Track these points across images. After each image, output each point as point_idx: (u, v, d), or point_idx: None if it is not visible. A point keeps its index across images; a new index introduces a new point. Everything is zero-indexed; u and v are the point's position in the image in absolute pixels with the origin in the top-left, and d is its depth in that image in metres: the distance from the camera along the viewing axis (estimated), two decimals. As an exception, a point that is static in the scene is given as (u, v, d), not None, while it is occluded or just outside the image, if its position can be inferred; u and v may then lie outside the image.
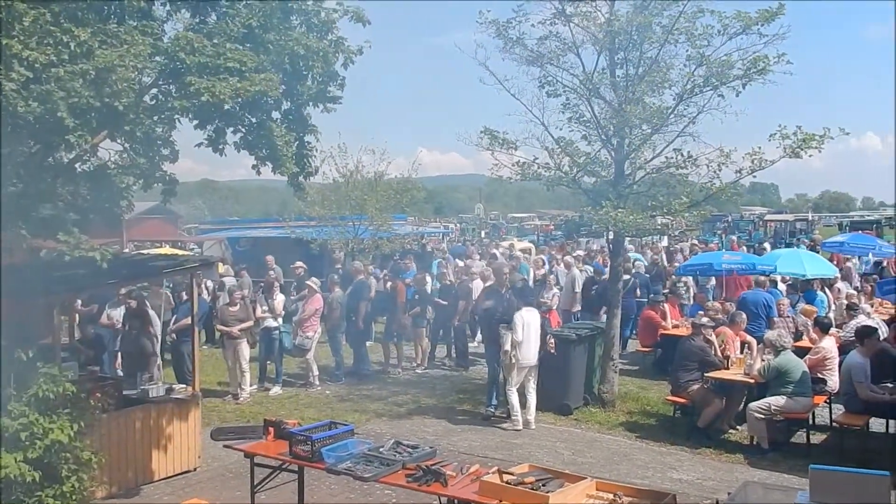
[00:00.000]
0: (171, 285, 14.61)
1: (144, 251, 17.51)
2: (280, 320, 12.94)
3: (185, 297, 14.53)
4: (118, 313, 12.42)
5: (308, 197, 18.57)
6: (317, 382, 12.94)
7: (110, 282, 9.04)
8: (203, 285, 15.63)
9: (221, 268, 17.58)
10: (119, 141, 7.49)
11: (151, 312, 11.35)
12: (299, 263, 16.43)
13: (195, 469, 8.99)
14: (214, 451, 9.19)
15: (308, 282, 13.44)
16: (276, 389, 12.68)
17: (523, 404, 10.49)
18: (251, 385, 12.54)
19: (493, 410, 10.95)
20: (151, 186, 7.93)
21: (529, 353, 10.36)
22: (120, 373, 11.13)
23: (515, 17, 11.12)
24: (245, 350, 12.16)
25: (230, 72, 6.98)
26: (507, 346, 10.34)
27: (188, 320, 10.62)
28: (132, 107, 6.75)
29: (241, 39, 7.45)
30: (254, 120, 7.88)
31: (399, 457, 6.18)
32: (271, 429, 7.03)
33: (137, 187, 7.85)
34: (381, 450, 6.35)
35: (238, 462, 8.10)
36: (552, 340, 10.87)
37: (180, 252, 20.11)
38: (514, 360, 10.30)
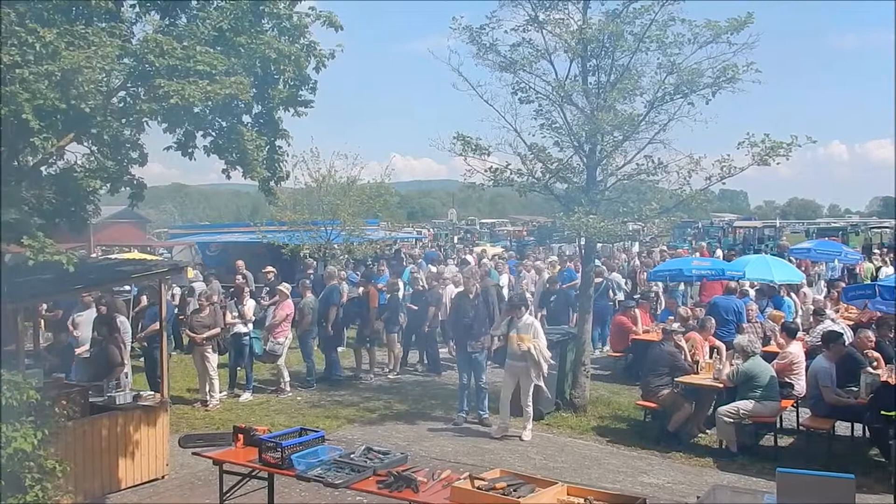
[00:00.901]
0: (135, 290, 14.43)
1: (112, 256, 17.29)
2: (250, 326, 12.82)
3: (144, 302, 14.42)
4: (86, 319, 12.23)
5: (279, 202, 18.46)
6: (288, 388, 12.82)
7: (77, 287, 8.90)
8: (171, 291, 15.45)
9: (191, 273, 17.38)
10: (86, 144, 7.38)
11: (121, 318, 11.19)
12: (270, 268, 16.34)
13: (163, 477, 8.86)
14: (183, 459, 9.10)
15: (279, 287, 13.35)
16: (246, 396, 12.56)
17: (515, 412, 10.41)
18: (221, 391, 12.40)
19: (464, 416, 10.93)
20: (119, 190, 7.82)
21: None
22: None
23: (489, 24, 11.19)
24: (212, 357, 12.02)
25: (200, 75, 6.90)
26: (546, 353, 10.20)
27: (157, 326, 10.47)
28: (99, 109, 6.65)
29: (212, 42, 7.38)
30: (224, 124, 7.80)
31: (370, 463, 6.15)
32: (241, 436, 6.97)
33: (104, 191, 7.73)
34: (351, 456, 6.31)
35: (207, 469, 8.00)
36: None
37: (149, 257, 19.91)
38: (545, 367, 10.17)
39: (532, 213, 74.12)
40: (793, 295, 15.81)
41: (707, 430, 10.31)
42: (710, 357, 11.01)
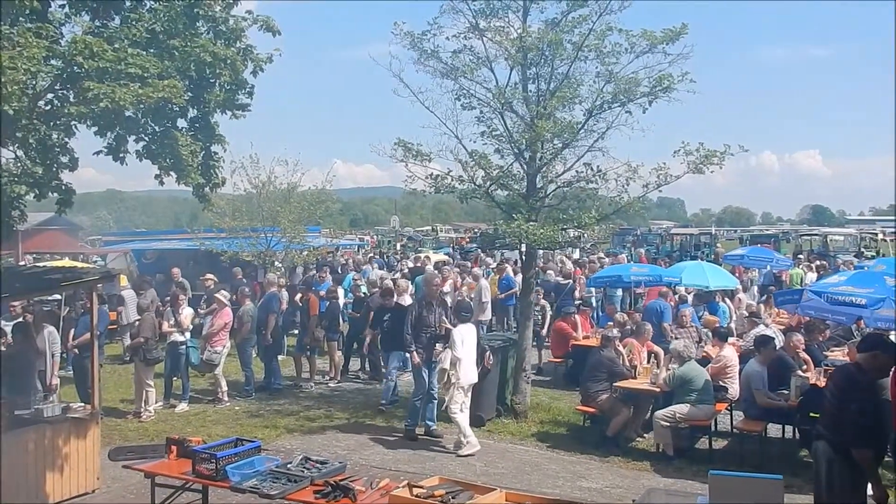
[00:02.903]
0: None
1: (42, 264, 16.70)
2: (188, 335, 12.53)
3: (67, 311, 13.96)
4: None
5: (218, 208, 18.13)
6: (226, 398, 12.56)
7: (3, 296, 8.55)
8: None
9: (124, 280, 16.91)
10: (11, 148, 7.12)
11: (49, 328, 10.74)
12: (209, 275, 16.02)
13: (94, 491, 8.56)
14: (115, 472, 8.81)
15: (216, 295, 13.08)
16: (182, 406, 12.26)
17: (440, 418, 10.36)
18: (156, 402, 12.08)
19: (412, 426, 10.64)
20: (46, 196, 7.57)
21: (470, 370, 10.05)
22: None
23: (430, 30, 11.20)
24: (147, 367, 11.71)
25: (132, 78, 6.75)
26: (447, 365, 9.94)
27: (89, 335, 10.13)
28: (24, 112, 6.43)
29: (144, 45, 7.23)
30: (157, 128, 7.64)
31: (307, 473, 6.07)
32: (174, 447, 6.80)
33: (31, 197, 7.47)
34: (288, 466, 6.22)
35: (140, 483, 7.76)
36: (490, 356, 10.80)
37: (80, 264, 19.29)
38: (455, 380, 9.87)
39: (475, 219, 74.49)
40: (727, 300, 16.22)
41: (645, 435, 10.47)
42: (648, 362, 11.20)
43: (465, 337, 10.10)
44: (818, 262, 24.81)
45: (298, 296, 14.71)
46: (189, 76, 7.56)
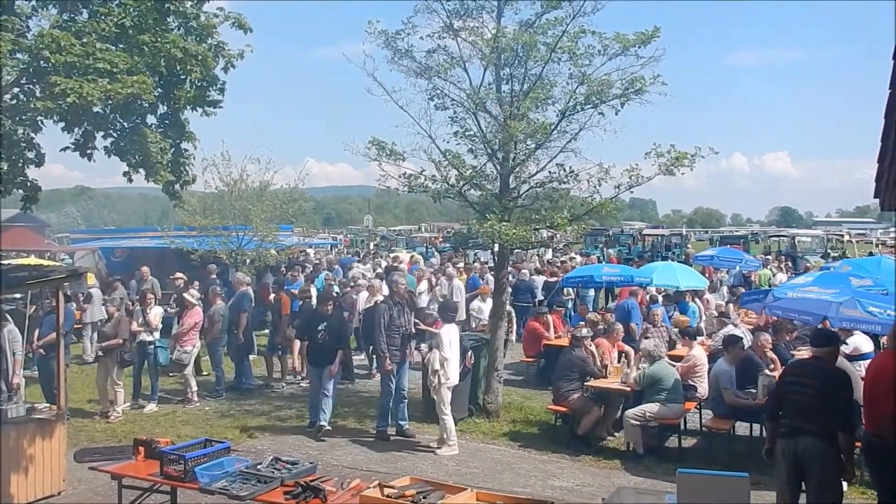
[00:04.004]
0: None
1: (7, 261, 16.38)
2: (157, 334, 12.38)
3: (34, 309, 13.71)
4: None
5: (189, 206, 17.94)
6: (195, 398, 12.42)
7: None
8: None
9: (91, 279, 16.66)
10: (-26, 143, 6.99)
11: (10, 327, 10.54)
12: (179, 274, 15.84)
13: (59, 493, 8.42)
14: (82, 474, 8.68)
15: (185, 295, 12.93)
16: (151, 406, 12.11)
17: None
18: (125, 403, 11.92)
19: (384, 427, 10.53)
20: (11, 192, 7.43)
21: (455, 370, 10.09)
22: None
23: (404, 29, 11.17)
24: (114, 368, 11.54)
25: (100, 73, 6.65)
26: (437, 366, 9.91)
27: (55, 334, 9.95)
28: (-11, 106, 6.31)
29: (114, 40, 7.12)
30: (126, 124, 7.53)
31: (277, 473, 6.02)
32: (141, 448, 6.71)
33: (-5, 193, 7.34)
34: (258, 467, 6.16)
35: (107, 484, 7.65)
36: (471, 356, 10.83)
37: (47, 262, 18.96)
38: (444, 380, 9.90)
39: (449, 219, 74.54)
40: (697, 300, 16.41)
41: (616, 434, 10.54)
42: (619, 361, 11.28)
43: (452, 337, 10.16)
44: (786, 263, 25.20)
45: (272, 296, 14.60)
46: (159, 72, 7.47)
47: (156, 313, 12.45)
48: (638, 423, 9.61)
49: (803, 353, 11.71)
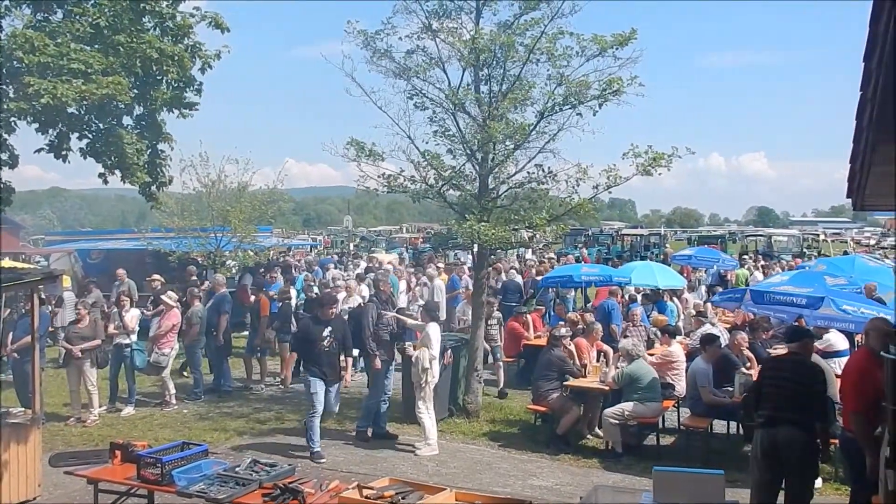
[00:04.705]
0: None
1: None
2: (133, 337, 12.26)
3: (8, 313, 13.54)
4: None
5: (167, 207, 17.80)
6: (173, 401, 12.33)
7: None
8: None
9: (67, 281, 16.48)
10: (-54, 144, 6.89)
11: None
12: (156, 276, 15.71)
13: (35, 498, 8.32)
14: (57, 479, 8.55)
15: (163, 297, 12.82)
16: (128, 410, 12.00)
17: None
18: (101, 406, 11.80)
19: (364, 427, 10.51)
20: (-17, 194, 7.34)
21: (437, 370, 10.12)
22: None
23: (383, 30, 11.17)
24: (91, 371, 11.43)
25: (74, 73, 6.59)
26: (427, 364, 9.91)
27: (29, 337, 9.84)
28: (-40, 107, 6.23)
29: (88, 40, 7.05)
30: (102, 125, 7.46)
31: (256, 476, 5.99)
32: (118, 452, 6.65)
33: (-34, 194, 7.24)
34: (237, 469, 6.13)
35: (83, 489, 7.54)
36: (450, 354, 10.85)
37: (21, 265, 18.73)
38: (431, 378, 9.90)
39: (429, 220, 74.61)
40: (675, 300, 16.53)
41: (600, 433, 10.59)
42: (598, 361, 11.35)
43: (439, 336, 10.24)
44: (763, 263, 25.45)
45: (252, 298, 14.52)
46: (135, 73, 7.42)
47: (132, 315, 12.34)
48: (617, 421, 9.67)
49: (780, 350, 11.86)
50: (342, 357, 10.18)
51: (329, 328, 9.86)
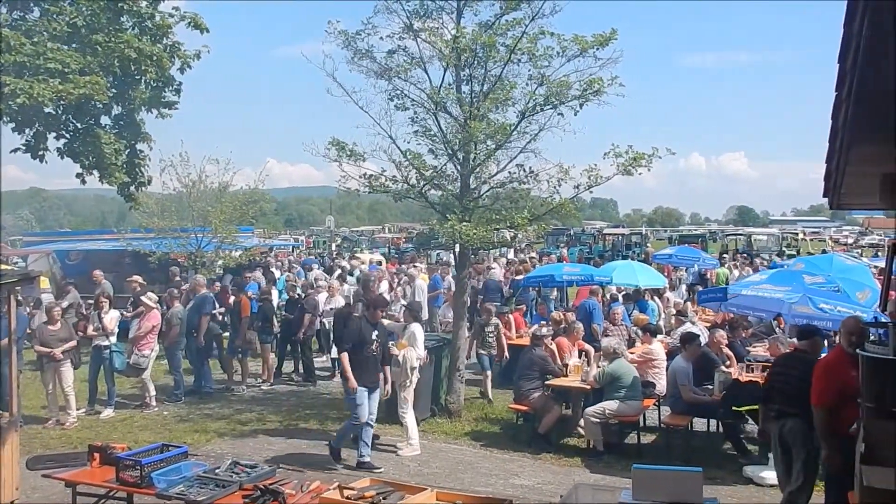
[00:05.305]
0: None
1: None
2: (113, 339, 12.15)
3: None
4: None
5: (146, 207, 17.68)
6: (154, 403, 12.24)
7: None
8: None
9: (45, 283, 16.32)
10: (-80, 144, 6.80)
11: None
12: (136, 277, 15.58)
13: (12, 502, 8.21)
14: (35, 482, 8.47)
15: (142, 298, 12.71)
16: (107, 412, 11.88)
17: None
18: (80, 408, 11.69)
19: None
20: (-42, 194, 7.25)
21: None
22: None
23: (364, 30, 11.15)
24: (69, 372, 11.32)
25: (51, 73, 6.52)
26: (414, 363, 9.92)
27: (6, 340, 9.71)
28: (-66, 106, 6.16)
29: (66, 39, 6.98)
30: (79, 125, 7.39)
31: (236, 477, 5.97)
32: (97, 454, 6.60)
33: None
34: (216, 471, 6.10)
35: (62, 492, 7.45)
36: (428, 355, 10.84)
37: (-1, 266, 18.53)
38: (415, 377, 9.94)
39: (412, 220, 74.60)
40: (656, 299, 16.64)
41: (580, 430, 10.63)
42: (580, 360, 11.39)
43: (423, 336, 10.30)
44: (742, 262, 25.67)
45: (232, 299, 14.45)
46: (113, 72, 7.36)
47: (112, 317, 12.22)
48: (598, 420, 9.72)
49: (759, 349, 11.98)
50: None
51: (376, 332, 9.37)
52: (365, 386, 9.06)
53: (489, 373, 13.01)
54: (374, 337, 9.21)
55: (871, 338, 5.98)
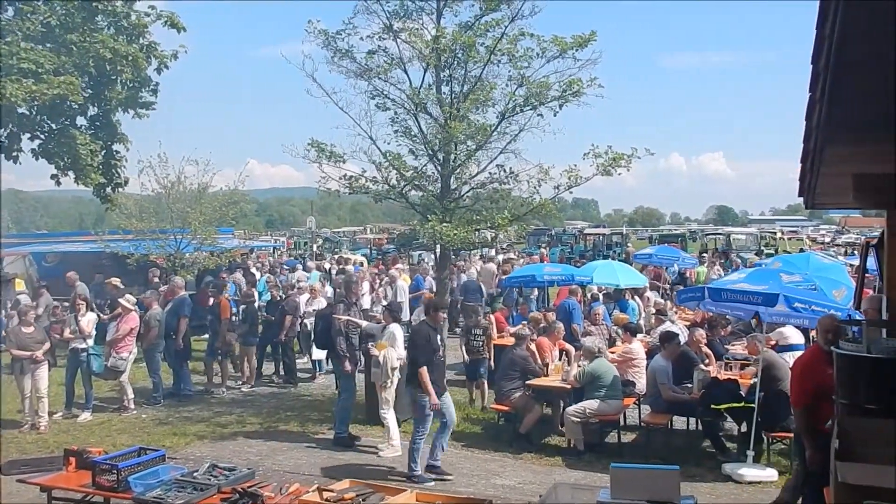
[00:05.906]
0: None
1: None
2: (90, 341, 12.02)
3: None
4: None
5: (125, 209, 17.51)
6: (132, 406, 12.12)
7: None
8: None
9: (21, 285, 16.12)
10: None
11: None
12: (114, 279, 15.43)
13: (-14, 508, 8.13)
14: (10, 487, 8.37)
15: (120, 300, 12.58)
16: (85, 415, 11.74)
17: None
18: (57, 412, 11.55)
19: (345, 432, 10.21)
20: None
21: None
22: None
23: (344, 30, 11.14)
24: (45, 375, 11.19)
25: (25, 73, 6.43)
26: (395, 363, 9.85)
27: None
28: None
29: (39, 39, 6.89)
30: (54, 126, 7.30)
31: (214, 480, 5.93)
32: (73, 459, 6.54)
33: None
34: (195, 474, 6.07)
35: (37, 497, 7.39)
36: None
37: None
38: (396, 378, 9.89)
39: (393, 220, 74.48)
40: (636, 298, 16.71)
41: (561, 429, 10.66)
42: (560, 359, 11.42)
43: (402, 336, 10.24)
44: (721, 261, 25.85)
45: (212, 300, 14.35)
46: (88, 73, 7.28)
47: (88, 319, 12.09)
48: (578, 419, 9.75)
49: (737, 347, 12.07)
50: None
51: (439, 336, 9.12)
52: (440, 391, 8.81)
53: (484, 381, 12.13)
54: (440, 342, 9.00)
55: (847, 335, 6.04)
